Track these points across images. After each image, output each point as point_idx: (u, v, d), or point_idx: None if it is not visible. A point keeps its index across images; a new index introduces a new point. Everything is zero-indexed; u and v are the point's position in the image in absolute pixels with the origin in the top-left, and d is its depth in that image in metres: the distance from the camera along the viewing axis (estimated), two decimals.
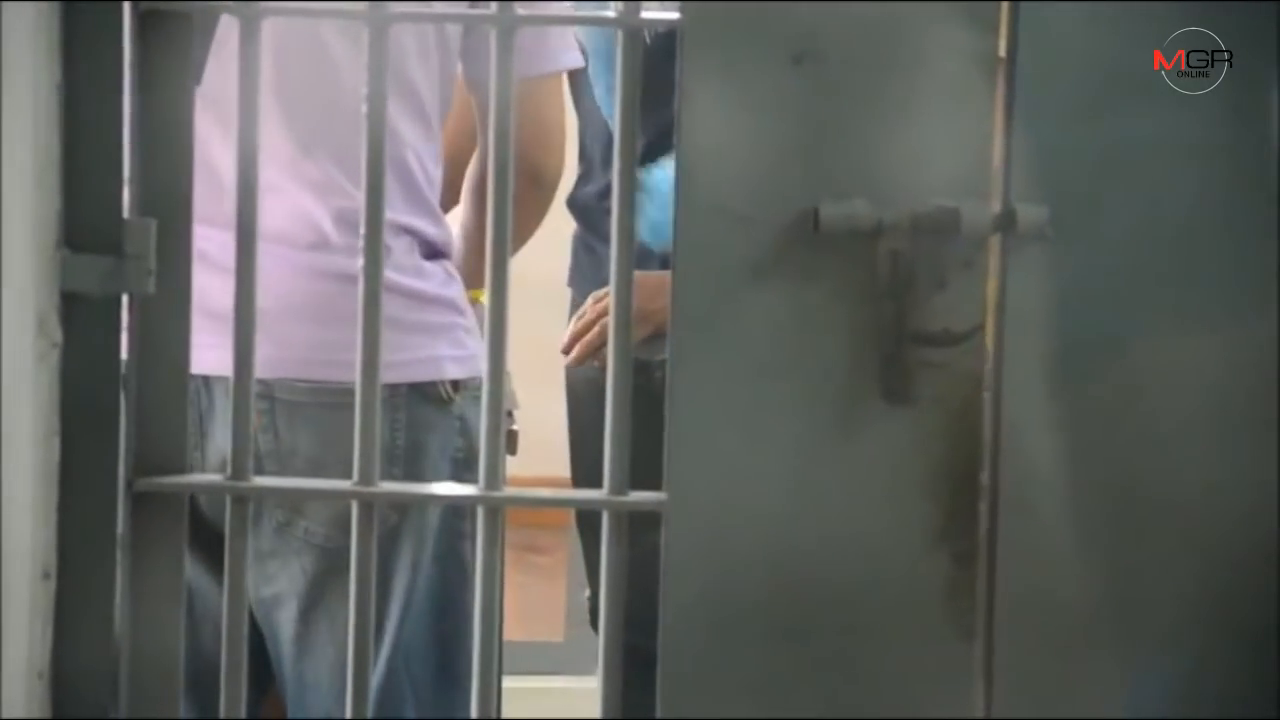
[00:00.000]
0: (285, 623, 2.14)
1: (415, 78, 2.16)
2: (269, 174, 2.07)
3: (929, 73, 1.54)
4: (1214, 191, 1.59)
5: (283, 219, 2.09)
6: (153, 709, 1.59)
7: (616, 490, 1.60)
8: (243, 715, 1.60)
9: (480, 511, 1.61)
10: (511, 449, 2.50)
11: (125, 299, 1.57)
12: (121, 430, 1.57)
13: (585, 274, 2.94)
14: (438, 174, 2.23)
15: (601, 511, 1.60)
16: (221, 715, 1.60)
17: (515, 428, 2.63)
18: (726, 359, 1.57)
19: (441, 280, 2.20)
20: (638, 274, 1.61)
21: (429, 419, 2.15)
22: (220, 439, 2.07)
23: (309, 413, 2.08)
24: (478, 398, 1.70)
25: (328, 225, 2.12)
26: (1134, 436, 1.59)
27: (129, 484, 1.58)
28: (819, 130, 1.55)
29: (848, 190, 1.55)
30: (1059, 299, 1.58)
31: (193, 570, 2.06)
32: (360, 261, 1.57)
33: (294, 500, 2.08)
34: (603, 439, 1.59)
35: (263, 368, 2.01)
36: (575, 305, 2.91)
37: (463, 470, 2.16)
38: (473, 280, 2.30)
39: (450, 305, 2.20)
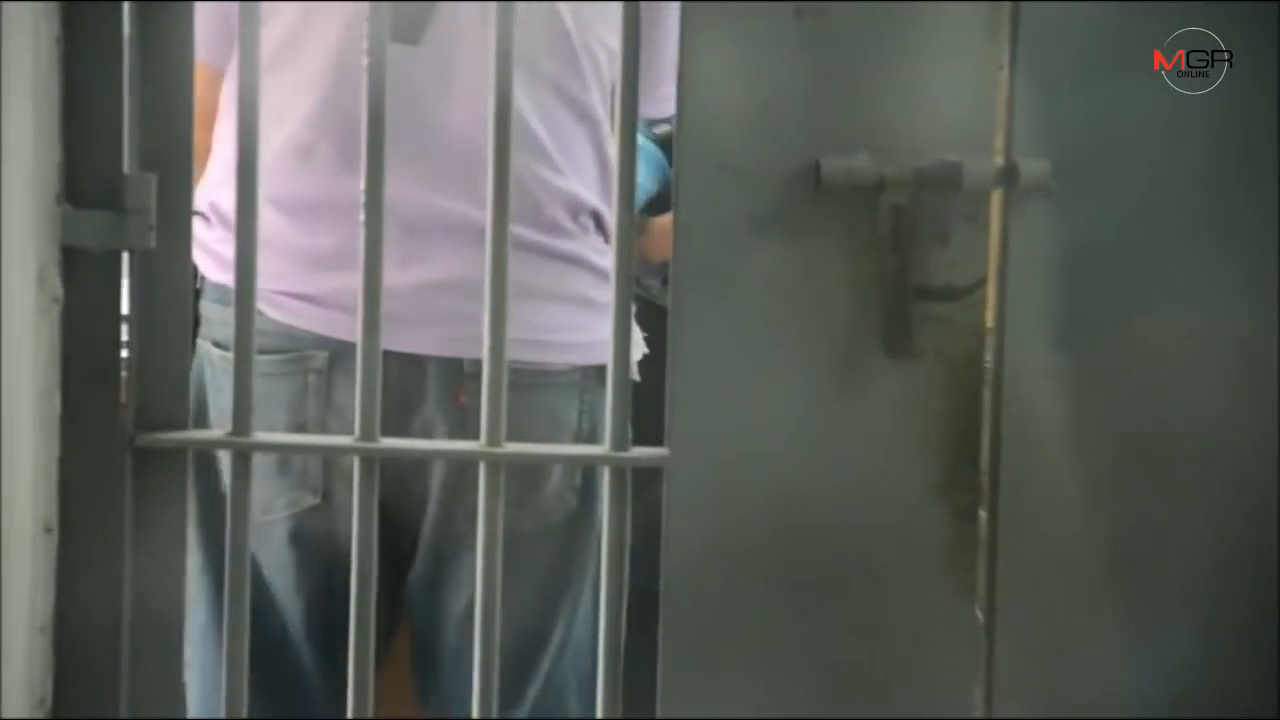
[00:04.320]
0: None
1: (605, 63, 2.14)
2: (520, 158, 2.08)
3: (932, 25, 1.53)
4: (1218, 150, 1.58)
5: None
6: (155, 664, 1.60)
7: (618, 446, 1.60)
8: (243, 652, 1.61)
9: (482, 467, 1.61)
10: None
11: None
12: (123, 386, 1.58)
13: None
14: None
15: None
16: (225, 659, 1.61)
17: None
18: (728, 314, 1.56)
19: None
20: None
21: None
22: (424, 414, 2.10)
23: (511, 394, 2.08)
24: None
25: (559, 213, 2.13)
26: (1136, 392, 1.59)
27: (130, 440, 1.58)
28: (820, 84, 1.54)
29: (849, 144, 1.54)
30: (1061, 253, 1.57)
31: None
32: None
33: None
34: None
35: (472, 348, 2.00)
36: None
37: None
38: None
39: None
